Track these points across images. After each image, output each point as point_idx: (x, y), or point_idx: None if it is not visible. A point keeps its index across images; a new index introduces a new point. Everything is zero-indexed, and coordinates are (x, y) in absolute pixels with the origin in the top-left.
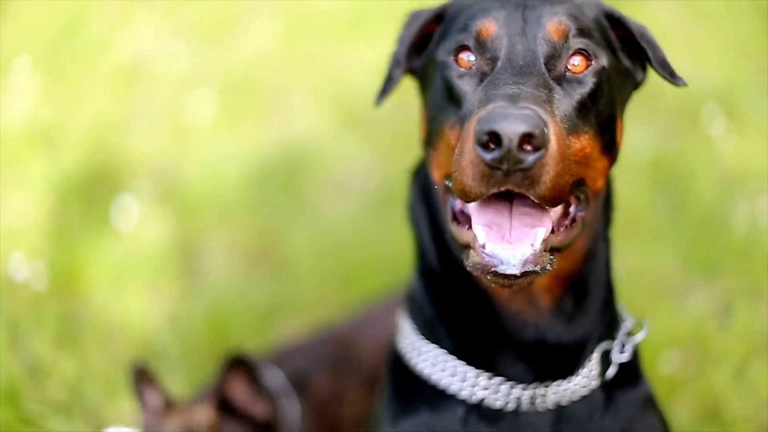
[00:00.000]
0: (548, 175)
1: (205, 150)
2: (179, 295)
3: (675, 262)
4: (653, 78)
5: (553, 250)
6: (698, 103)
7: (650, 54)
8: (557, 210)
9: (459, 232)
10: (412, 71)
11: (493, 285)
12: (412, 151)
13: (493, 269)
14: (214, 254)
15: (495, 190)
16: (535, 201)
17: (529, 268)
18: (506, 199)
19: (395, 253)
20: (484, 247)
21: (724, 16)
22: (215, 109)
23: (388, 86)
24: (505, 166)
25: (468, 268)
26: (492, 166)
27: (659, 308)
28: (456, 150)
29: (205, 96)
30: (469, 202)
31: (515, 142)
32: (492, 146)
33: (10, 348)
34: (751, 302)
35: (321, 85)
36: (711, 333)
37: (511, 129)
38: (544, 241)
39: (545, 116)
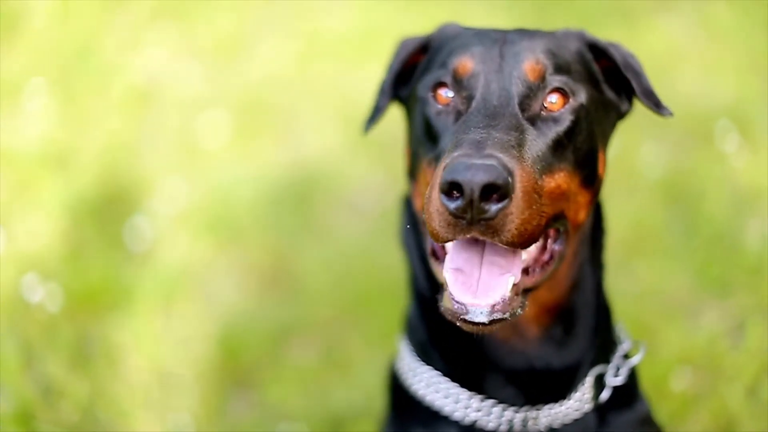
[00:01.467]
0: (513, 223)
1: (218, 171)
2: (192, 317)
3: (687, 279)
4: (665, 94)
5: (526, 291)
6: (711, 120)
7: (634, 84)
8: (533, 248)
9: (436, 269)
10: (399, 99)
11: (464, 329)
12: None
13: (461, 317)
14: (226, 276)
15: (461, 237)
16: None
17: (497, 316)
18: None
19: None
20: (452, 295)
21: (737, 33)
22: (228, 130)
23: (375, 115)
24: (468, 216)
25: (440, 311)
26: (456, 215)
27: (672, 326)
28: (426, 193)
29: (218, 117)
30: (439, 243)
31: (477, 193)
32: (455, 195)
33: (23, 369)
34: (763, 320)
35: (333, 105)
36: (724, 351)
37: (473, 180)
38: (515, 285)
39: (511, 163)
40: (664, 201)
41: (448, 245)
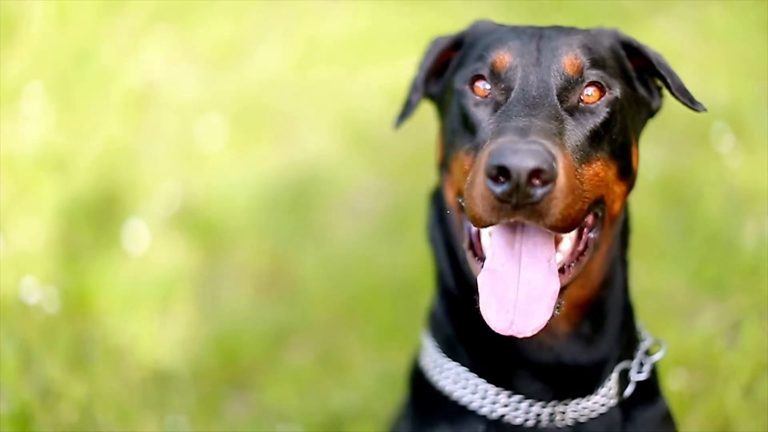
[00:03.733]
0: (557, 207)
1: (216, 174)
2: (190, 319)
3: (683, 280)
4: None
5: (562, 289)
6: (707, 122)
7: (669, 81)
8: (570, 236)
9: (474, 266)
10: (430, 96)
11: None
12: (421, 174)
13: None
14: (224, 278)
15: (504, 221)
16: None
17: None
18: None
19: (405, 276)
20: (488, 320)
21: (732, 36)
22: (225, 133)
23: (407, 111)
24: (514, 200)
25: (481, 316)
26: (501, 199)
27: (668, 326)
28: (468, 178)
29: (215, 121)
30: (480, 227)
31: (524, 177)
32: (502, 179)
33: (21, 371)
34: (759, 320)
35: (330, 108)
36: (720, 351)
37: (520, 164)
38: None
39: (554, 150)
40: (661, 202)
41: (486, 248)
